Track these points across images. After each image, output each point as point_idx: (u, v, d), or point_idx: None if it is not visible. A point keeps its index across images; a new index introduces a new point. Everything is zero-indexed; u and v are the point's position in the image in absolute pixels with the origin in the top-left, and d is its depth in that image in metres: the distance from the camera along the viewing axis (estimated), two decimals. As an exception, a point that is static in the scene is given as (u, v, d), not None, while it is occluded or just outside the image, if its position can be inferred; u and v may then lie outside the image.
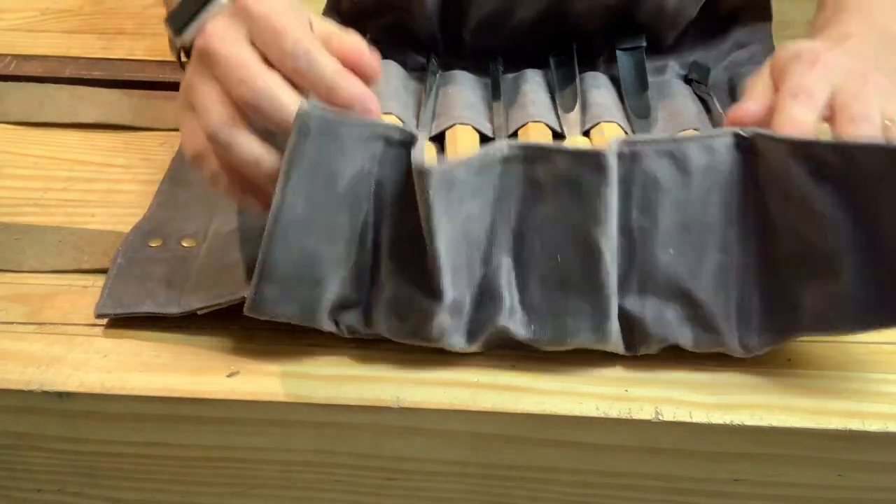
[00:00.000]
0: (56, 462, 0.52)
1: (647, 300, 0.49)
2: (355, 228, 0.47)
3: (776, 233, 0.48)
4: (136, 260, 0.55)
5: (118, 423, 0.50)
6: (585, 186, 0.47)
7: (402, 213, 0.47)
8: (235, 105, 0.47)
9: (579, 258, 0.48)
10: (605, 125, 0.65)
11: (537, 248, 0.48)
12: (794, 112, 0.48)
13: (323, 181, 0.45)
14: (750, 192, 0.49)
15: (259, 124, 0.47)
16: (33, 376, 0.48)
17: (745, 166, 0.49)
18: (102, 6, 0.83)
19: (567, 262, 0.48)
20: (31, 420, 0.50)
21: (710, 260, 0.49)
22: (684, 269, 0.49)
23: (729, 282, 0.49)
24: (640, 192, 0.48)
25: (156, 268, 0.54)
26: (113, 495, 0.54)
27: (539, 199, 0.48)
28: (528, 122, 0.66)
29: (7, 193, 0.61)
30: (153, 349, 0.50)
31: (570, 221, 0.48)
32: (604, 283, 0.48)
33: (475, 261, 0.49)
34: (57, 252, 0.56)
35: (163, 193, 0.61)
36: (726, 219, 0.49)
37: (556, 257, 0.48)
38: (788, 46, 0.53)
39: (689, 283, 0.49)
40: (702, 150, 0.49)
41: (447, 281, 0.47)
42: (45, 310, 0.53)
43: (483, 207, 0.48)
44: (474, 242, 0.48)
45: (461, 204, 0.46)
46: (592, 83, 0.70)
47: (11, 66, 0.74)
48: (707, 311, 0.48)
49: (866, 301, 0.45)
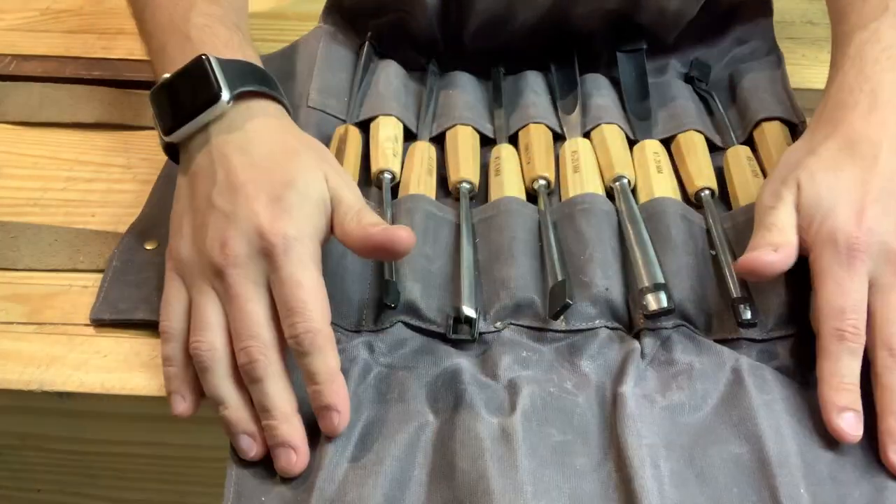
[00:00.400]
0: (56, 462, 0.52)
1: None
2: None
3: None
4: (131, 263, 0.55)
5: (118, 423, 0.50)
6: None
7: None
8: (231, 341, 0.46)
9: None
10: (606, 127, 0.65)
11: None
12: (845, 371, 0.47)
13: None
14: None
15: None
16: (33, 376, 0.48)
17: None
18: (102, 6, 0.83)
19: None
20: (31, 420, 0.50)
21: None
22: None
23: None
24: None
25: (151, 272, 0.54)
26: (113, 495, 0.54)
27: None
28: (529, 124, 0.66)
29: (7, 193, 0.61)
30: (153, 349, 0.50)
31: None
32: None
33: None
34: (52, 251, 0.57)
35: (158, 191, 0.61)
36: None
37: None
38: (803, 168, 0.51)
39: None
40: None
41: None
42: (45, 310, 0.53)
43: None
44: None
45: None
46: (593, 85, 0.70)
47: (11, 66, 0.74)
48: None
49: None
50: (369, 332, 0.52)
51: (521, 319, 0.53)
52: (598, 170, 0.62)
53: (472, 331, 0.51)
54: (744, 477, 0.45)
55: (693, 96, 0.70)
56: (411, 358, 0.51)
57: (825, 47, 0.79)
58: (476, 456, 0.44)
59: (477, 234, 0.58)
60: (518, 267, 0.54)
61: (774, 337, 0.52)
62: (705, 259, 0.56)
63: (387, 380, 0.49)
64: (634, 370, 0.49)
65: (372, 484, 0.43)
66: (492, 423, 0.46)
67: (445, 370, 0.49)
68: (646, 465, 0.44)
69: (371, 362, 0.49)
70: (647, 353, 0.51)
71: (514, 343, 0.51)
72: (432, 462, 0.45)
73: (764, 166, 0.63)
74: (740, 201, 0.60)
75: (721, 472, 0.45)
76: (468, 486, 0.43)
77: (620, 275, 0.55)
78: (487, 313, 0.53)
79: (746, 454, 0.45)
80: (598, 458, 0.46)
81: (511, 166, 0.63)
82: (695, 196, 0.61)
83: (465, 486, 0.43)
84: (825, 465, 0.46)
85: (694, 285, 0.54)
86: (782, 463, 0.45)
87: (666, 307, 0.51)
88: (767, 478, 0.44)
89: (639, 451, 0.45)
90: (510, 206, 0.58)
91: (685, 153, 0.64)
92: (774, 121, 0.66)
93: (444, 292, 0.54)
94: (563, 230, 0.57)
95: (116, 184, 0.63)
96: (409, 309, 0.52)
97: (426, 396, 0.48)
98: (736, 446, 0.46)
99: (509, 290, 0.53)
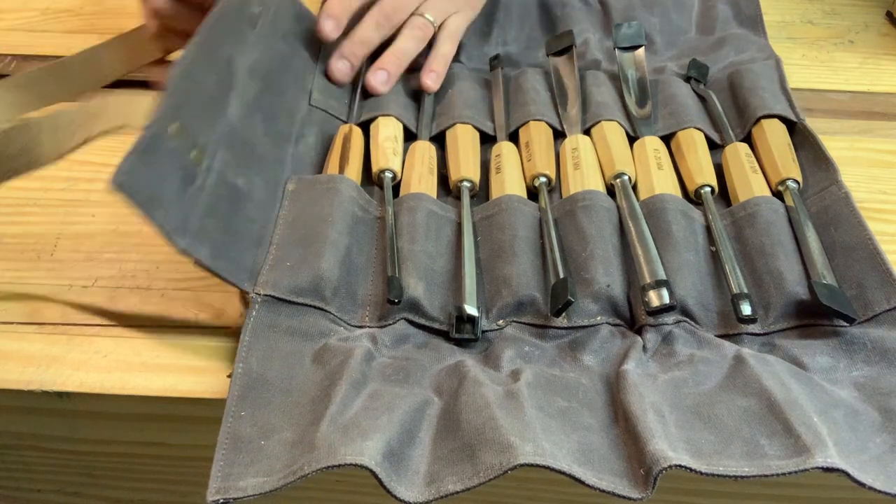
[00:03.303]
0: (55, 462, 0.52)
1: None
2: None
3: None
4: (154, 145, 0.50)
5: (118, 423, 0.50)
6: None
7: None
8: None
9: None
10: (606, 124, 0.65)
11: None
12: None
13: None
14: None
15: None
16: (33, 376, 0.48)
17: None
18: (102, 6, 0.83)
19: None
20: (31, 420, 0.50)
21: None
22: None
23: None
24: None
25: (169, 166, 0.49)
26: (112, 495, 0.54)
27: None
28: (530, 121, 0.66)
29: (7, 193, 0.61)
30: (153, 349, 0.50)
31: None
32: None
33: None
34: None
35: (185, 62, 0.53)
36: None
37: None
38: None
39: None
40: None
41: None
42: (45, 310, 0.53)
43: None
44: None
45: None
46: (592, 81, 0.70)
47: (11, 66, 0.74)
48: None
49: None
50: (373, 326, 0.52)
51: (523, 317, 0.53)
52: (599, 167, 0.62)
53: (475, 329, 0.52)
54: (754, 420, 0.44)
55: (692, 94, 0.70)
56: (414, 352, 0.51)
57: (825, 47, 0.79)
58: (481, 407, 0.44)
59: (478, 232, 0.58)
60: (520, 264, 0.54)
61: (774, 331, 0.52)
62: (706, 255, 0.56)
63: (390, 367, 0.49)
64: (637, 357, 0.49)
65: (386, 420, 0.43)
66: (497, 389, 0.46)
67: (448, 364, 0.50)
68: (648, 413, 0.44)
69: (374, 352, 0.50)
70: (649, 348, 0.51)
71: (516, 339, 0.51)
72: (436, 427, 0.45)
73: (763, 163, 0.63)
74: (739, 197, 0.60)
75: (729, 419, 0.45)
76: (475, 431, 0.43)
77: (622, 271, 0.55)
78: (489, 311, 0.53)
79: (755, 404, 0.45)
80: (605, 423, 0.46)
81: (512, 164, 0.63)
82: (694, 193, 0.61)
83: (472, 432, 0.43)
84: (841, 415, 0.45)
85: (695, 282, 0.54)
86: (792, 403, 0.44)
87: (668, 304, 0.51)
88: (778, 415, 0.44)
89: (641, 404, 0.45)
90: (511, 204, 0.58)
91: (685, 150, 0.64)
92: (773, 118, 0.66)
93: (447, 290, 0.54)
94: (564, 227, 0.58)
95: (116, 184, 0.63)
96: (412, 306, 0.52)
97: (430, 383, 0.48)
98: (743, 401, 0.46)
99: (511, 287, 0.53)
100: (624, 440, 0.44)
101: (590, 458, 0.43)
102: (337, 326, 0.51)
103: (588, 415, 0.46)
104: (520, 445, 0.41)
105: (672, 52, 0.77)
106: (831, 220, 0.57)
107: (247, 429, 0.45)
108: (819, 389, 0.47)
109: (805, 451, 0.42)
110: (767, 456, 0.42)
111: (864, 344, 0.50)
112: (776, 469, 0.42)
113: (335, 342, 0.49)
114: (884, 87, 0.75)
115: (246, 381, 0.47)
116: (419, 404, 0.46)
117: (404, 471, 0.42)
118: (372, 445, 0.42)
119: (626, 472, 0.43)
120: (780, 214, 0.58)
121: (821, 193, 0.59)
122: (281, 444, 0.44)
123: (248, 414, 0.45)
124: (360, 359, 0.48)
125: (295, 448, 0.43)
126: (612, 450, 0.44)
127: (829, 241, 0.56)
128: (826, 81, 0.75)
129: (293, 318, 0.50)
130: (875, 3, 0.86)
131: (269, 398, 0.46)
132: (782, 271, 0.54)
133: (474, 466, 0.42)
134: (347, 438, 0.42)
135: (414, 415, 0.45)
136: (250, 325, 0.49)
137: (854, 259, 0.54)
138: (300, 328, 0.50)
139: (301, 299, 0.51)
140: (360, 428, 0.43)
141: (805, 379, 0.48)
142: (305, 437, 0.43)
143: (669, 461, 0.41)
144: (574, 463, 0.42)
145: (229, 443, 0.44)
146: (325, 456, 0.41)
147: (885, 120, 0.71)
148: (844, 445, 0.43)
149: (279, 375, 0.47)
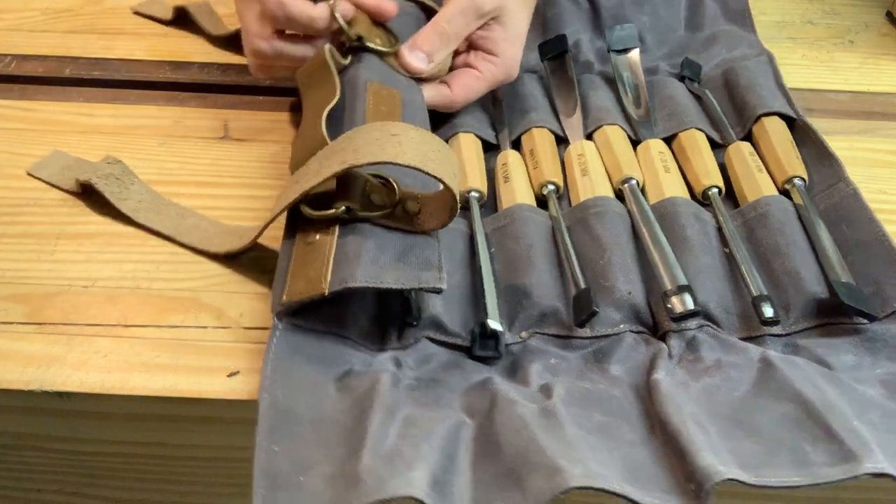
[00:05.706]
0: (55, 462, 0.52)
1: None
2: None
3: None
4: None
5: (118, 423, 0.50)
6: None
7: None
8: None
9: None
10: (608, 128, 0.65)
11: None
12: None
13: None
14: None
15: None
16: (33, 376, 0.48)
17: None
18: (102, 6, 0.83)
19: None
20: (31, 420, 0.50)
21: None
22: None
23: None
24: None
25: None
26: (112, 495, 0.54)
27: None
28: (532, 128, 0.66)
29: (7, 193, 0.61)
30: (153, 349, 0.50)
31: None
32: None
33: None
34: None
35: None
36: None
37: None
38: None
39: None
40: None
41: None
42: (45, 310, 0.53)
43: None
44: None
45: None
46: (589, 85, 0.70)
47: (11, 66, 0.74)
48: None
49: None
50: (395, 349, 0.51)
51: (546, 328, 0.52)
52: (606, 172, 0.62)
53: (499, 346, 0.51)
54: (794, 426, 0.44)
55: (688, 94, 0.70)
56: (440, 371, 0.50)
57: (825, 47, 0.79)
58: (520, 428, 0.43)
59: (491, 244, 0.57)
60: (538, 275, 0.54)
61: (795, 331, 0.52)
62: (721, 258, 0.56)
63: (418, 389, 0.48)
64: (665, 365, 0.49)
65: (427, 447, 0.42)
66: (532, 407, 0.45)
67: (475, 382, 0.49)
68: (689, 424, 0.43)
69: (400, 375, 0.48)
70: (675, 354, 0.50)
71: (540, 351, 0.51)
72: (473, 451, 0.44)
73: (767, 162, 0.63)
74: (748, 197, 0.60)
75: (770, 428, 0.44)
76: (517, 454, 0.42)
77: (641, 278, 0.54)
78: (511, 323, 0.53)
79: (792, 410, 0.45)
80: (644, 435, 0.45)
81: (519, 173, 0.62)
82: (702, 194, 0.61)
83: (514, 455, 0.42)
84: (877, 417, 0.45)
85: (715, 285, 0.54)
86: (829, 407, 0.44)
87: (692, 309, 0.51)
88: (817, 420, 0.43)
89: (680, 416, 0.44)
90: (523, 214, 0.58)
91: (689, 152, 0.64)
92: (773, 115, 0.66)
93: (465, 304, 0.53)
94: (577, 235, 0.57)
95: (116, 184, 0.63)
96: (433, 324, 0.51)
97: (460, 404, 0.47)
98: (780, 407, 0.45)
99: (531, 298, 0.53)
100: (665, 453, 0.43)
101: (637, 476, 0.42)
102: (357, 352, 0.49)
103: (627, 428, 0.45)
104: (568, 468, 0.40)
105: (663, 50, 0.77)
106: (842, 218, 0.57)
107: (282, 465, 0.42)
108: (850, 390, 0.46)
109: (852, 457, 0.41)
110: (815, 464, 0.42)
111: (886, 341, 0.50)
112: (826, 477, 0.41)
113: (359, 367, 0.48)
114: (884, 87, 0.75)
115: (273, 412, 0.44)
116: (454, 427, 0.45)
117: (450, 498, 0.41)
118: (419, 476, 0.40)
119: (674, 488, 0.41)
120: (790, 213, 0.58)
121: (828, 190, 0.59)
122: (321, 479, 0.41)
123: (281, 449, 0.43)
124: (388, 384, 0.46)
125: (336, 482, 0.41)
126: (657, 464, 0.43)
127: (842, 238, 0.56)
128: (826, 81, 0.75)
129: (314, 345, 0.48)
130: (875, 3, 0.86)
131: (299, 431, 0.44)
132: (799, 271, 0.53)
133: (523, 493, 0.40)
134: (394, 470, 0.40)
135: (451, 439, 0.44)
136: (272, 355, 0.47)
137: (869, 256, 0.54)
138: (322, 355, 0.48)
139: (321, 326, 0.49)
140: (403, 458, 0.41)
141: (836, 380, 0.47)
142: (346, 469, 0.41)
143: (721, 475, 0.40)
144: (624, 482, 0.41)
145: (267, 482, 0.41)
146: (375, 489, 0.39)
147: (885, 120, 0.71)
148: (887, 448, 0.42)
149: (306, 405, 0.45)
